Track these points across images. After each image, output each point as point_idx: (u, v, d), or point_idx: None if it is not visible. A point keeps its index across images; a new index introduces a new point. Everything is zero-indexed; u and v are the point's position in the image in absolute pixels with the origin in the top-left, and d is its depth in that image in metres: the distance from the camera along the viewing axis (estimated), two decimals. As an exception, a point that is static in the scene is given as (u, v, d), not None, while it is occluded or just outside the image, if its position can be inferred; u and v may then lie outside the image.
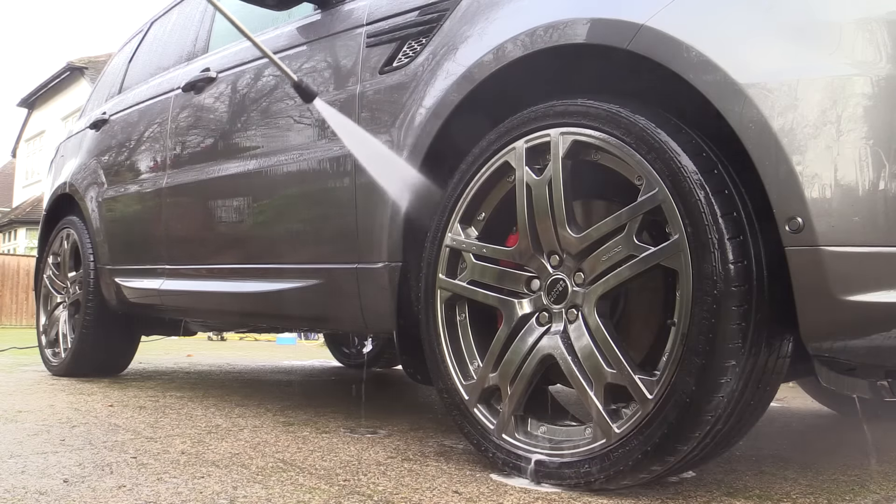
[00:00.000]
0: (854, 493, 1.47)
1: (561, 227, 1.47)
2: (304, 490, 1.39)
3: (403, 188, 1.79)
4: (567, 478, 1.40)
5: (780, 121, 1.17)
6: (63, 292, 3.68)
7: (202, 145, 2.68)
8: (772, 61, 1.22)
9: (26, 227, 21.30)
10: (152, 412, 2.36)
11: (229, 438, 1.92)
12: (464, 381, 1.62)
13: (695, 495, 1.40)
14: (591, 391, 1.39)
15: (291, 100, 2.24)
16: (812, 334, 1.19)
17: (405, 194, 1.79)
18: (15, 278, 15.94)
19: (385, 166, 1.83)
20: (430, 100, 1.76)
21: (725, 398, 1.24)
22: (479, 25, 1.70)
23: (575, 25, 1.45)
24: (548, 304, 1.51)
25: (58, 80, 21.82)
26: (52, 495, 1.33)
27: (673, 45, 1.30)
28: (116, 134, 3.36)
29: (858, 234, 1.13)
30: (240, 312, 2.65)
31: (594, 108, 1.43)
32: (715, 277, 1.22)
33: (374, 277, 1.89)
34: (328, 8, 2.21)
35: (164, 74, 3.12)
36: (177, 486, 1.41)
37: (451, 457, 1.73)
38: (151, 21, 3.71)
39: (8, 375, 3.63)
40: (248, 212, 2.40)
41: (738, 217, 1.25)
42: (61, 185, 3.71)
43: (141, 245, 3.05)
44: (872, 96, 1.14)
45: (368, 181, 1.91)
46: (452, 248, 1.67)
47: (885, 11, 1.17)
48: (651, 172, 1.32)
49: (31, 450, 1.74)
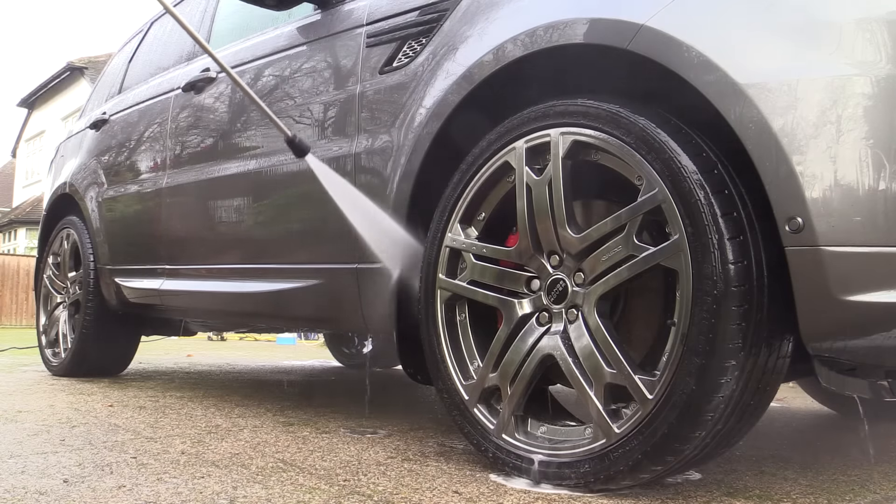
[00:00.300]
0: (854, 493, 1.47)
1: (561, 227, 1.47)
2: (304, 490, 1.39)
3: (394, 252, 1.78)
4: (567, 478, 1.40)
5: (780, 121, 1.17)
6: (63, 292, 3.68)
7: (202, 145, 2.68)
8: (772, 61, 1.22)
9: (26, 227, 21.31)
10: (152, 412, 2.36)
11: (229, 438, 1.92)
12: (464, 382, 1.62)
13: (695, 495, 1.40)
14: (591, 391, 1.39)
15: (292, 100, 2.24)
16: (812, 334, 1.19)
17: (396, 258, 1.78)
18: (15, 278, 15.95)
19: (376, 228, 1.81)
20: (430, 100, 1.76)
21: (725, 398, 1.24)
22: (479, 25, 1.70)
23: (575, 25, 1.45)
24: (548, 304, 1.51)
25: (58, 80, 21.82)
26: (52, 495, 1.33)
27: (673, 45, 1.30)
28: (116, 134, 3.36)
29: (858, 234, 1.13)
30: (240, 312, 2.65)
31: (594, 108, 1.43)
32: (715, 277, 1.22)
33: (375, 277, 1.89)
34: (328, 8, 2.21)
35: (164, 74, 3.12)
36: (177, 486, 1.41)
37: (451, 457, 1.73)
38: (151, 21, 3.71)
39: (8, 375, 3.63)
40: (249, 212, 2.40)
41: (738, 217, 1.25)
42: (61, 185, 3.71)
43: (141, 245, 3.05)
44: (872, 96, 1.14)
45: (368, 181, 1.91)
46: (452, 248, 1.67)
47: (885, 11, 1.17)
48: (651, 172, 1.32)
49: (31, 450, 1.74)
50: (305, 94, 2.19)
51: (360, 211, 1.84)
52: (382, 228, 1.80)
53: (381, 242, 1.81)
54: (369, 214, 1.82)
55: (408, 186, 1.79)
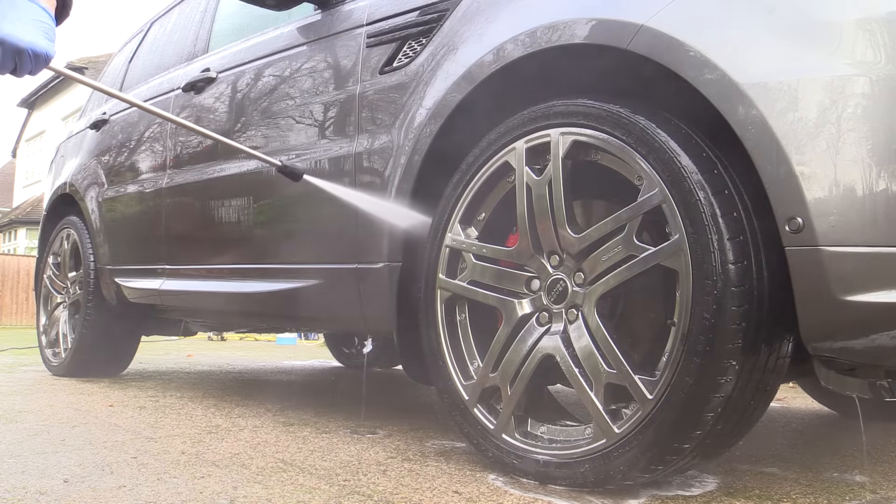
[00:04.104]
0: (854, 493, 1.47)
1: (561, 227, 1.47)
2: (304, 490, 1.39)
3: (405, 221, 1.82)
4: (567, 478, 1.40)
5: (780, 121, 1.17)
6: (63, 292, 3.68)
7: (202, 145, 2.68)
8: (772, 61, 1.22)
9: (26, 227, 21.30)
10: (152, 412, 2.36)
11: (229, 438, 1.92)
12: (464, 382, 1.62)
13: (695, 495, 1.40)
14: (592, 391, 1.39)
15: (292, 100, 2.24)
16: (812, 334, 1.19)
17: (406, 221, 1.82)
18: (15, 278, 15.94)
19: (385, 208, 1.86)
20: (430, 100, 1.76)
21: (725, 398, 1.24)
22: (480, 25, 1.70)
23: (575, 26, 1.45)
24: (548, 304, 1.51)
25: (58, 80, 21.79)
26: (52, 495, 1.33)
27: (673, 46, 1.30)
28: (116, 134, 3.36)
29: (858, 234, 1.13)
30: (240, 312, 2.65)
31: (594, 108, 1.43)
32: (715, 277, 1.22)
33: (374, 277, 1.89)
34: (328, 8, 2.21)
35: (164, 74, 3.12)
36: (177, 486, 1.41)
37: (451, 457, 1.73)
38: (151, 21, 3.71)
39: (8, 375, 3.63)
40: (248, 212, 2.40)
41: (738, 217, 1.25)
42: (61, 185, 3.71)
43: (141, 245, 3.05)
44: (872, 96, 1.14)
45: (368, 181, 1.92)
46: (452, 248, 1.67)
47: (885, 11, 1.17)
48: (651, 173, 1.32)
49: (31, 450, 1.74)
50: (306, 95, 2.19)
51: (369, 201, 1.88)
52: (391, 207, 1.84)
53: (394, 216, 1.85)
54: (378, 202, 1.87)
55: (408, 186, 1.79)
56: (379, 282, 1.88)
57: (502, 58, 1.58)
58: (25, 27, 1.38)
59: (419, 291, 1.74)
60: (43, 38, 1.40)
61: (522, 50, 1.54)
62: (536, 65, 1.55)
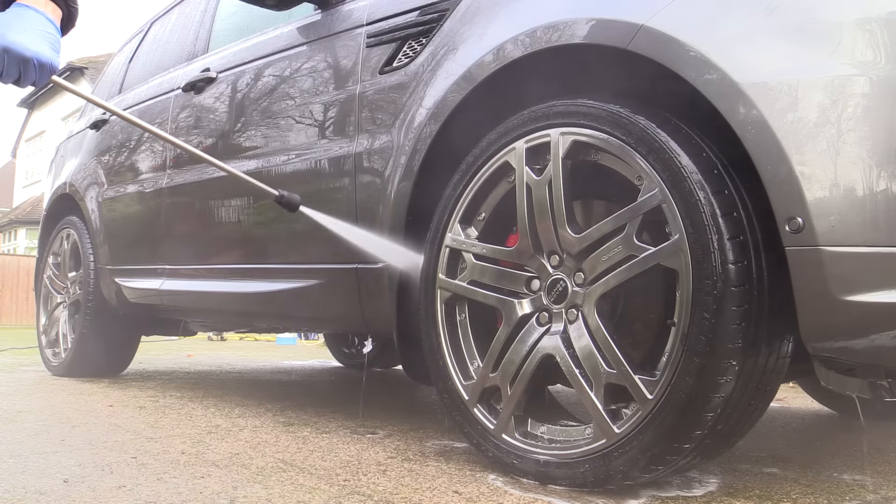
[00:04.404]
0: (854, 493, 1.47)
1: (561, 227, 1.47)
2: (304, 490, 1.39)
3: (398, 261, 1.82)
4: (567, 478, 1.40)
5: (780, 121, 1.17)
6: (63, 292, 3.68)
7: (202, 145, 2.68)
8: (772, 61, 1.22)
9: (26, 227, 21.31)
10: (152, 412, 2.36)
11: (229, 438, 1.92)
12: (464, 382, 1.62)
13: (695, 495, 1.40)
14: (592, 391, 1.39)
15: (292, 100, 2.24)
16: (812, 334, 1.19)
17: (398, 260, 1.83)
18: (15, 278, 15.95)
19: (381, 246, 1.86)
20: (430, 100, 1.76)
21: (725, 398, 1.24)
22: (480, 25, 1.70)
23: (575, 26, 1.45)
24: (548, 304, 1.51)
25: (58, 80, 21.79)
26: (52, 495, 1.33)
27: (673, 46, 1.30)
28: (116, 134, 3.36)
29: (858, 234, 1.13)
30: (240, 312, 2.65)
31: (594, 108, 1.43)
32: (715, 277, 1.22)
33: (375, 277, 1.89)
34: (328, 8, 2.21)
35: (164, 74, 3.12)
36: (177, 486, 1.41)
37: (451, 457, 1.73)
38: (151, 21, 3.71)
39: (8, 375, 3.63)
40: (248, 212, 2.40)
41: (738, 217, 1.25)
42: (61, 185, 3.71)
43: (141, 245, 3.05)
44: (872, 96, 1.14)
45: (368, 181, 1.92)
46: (452, 248, 1.67)
47: (886, 11, 1.17)
48: (651, 173, 1.32)
49: (31, 450, 1.74)
50: (306, 95, 2.19)
51: (364, 237, 1.89)
52: (385, 244, 1.84)
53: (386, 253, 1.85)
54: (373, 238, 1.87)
55: (408, 186, 1.79)
56: (379, 282, 1.88)
57: (502, 58, 1.58)
58: (31, 37, 1.39)
59: (419, 291, 1.74)
60: (48, 49, 1.41)
61: (522, 50, 1.54)
62: (536, 65, 1.55)
